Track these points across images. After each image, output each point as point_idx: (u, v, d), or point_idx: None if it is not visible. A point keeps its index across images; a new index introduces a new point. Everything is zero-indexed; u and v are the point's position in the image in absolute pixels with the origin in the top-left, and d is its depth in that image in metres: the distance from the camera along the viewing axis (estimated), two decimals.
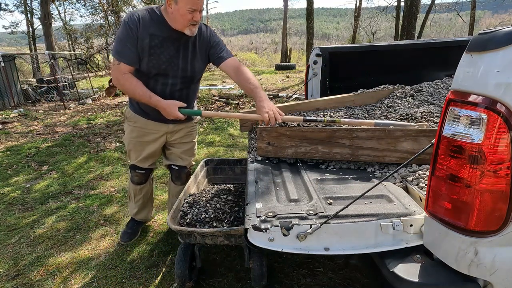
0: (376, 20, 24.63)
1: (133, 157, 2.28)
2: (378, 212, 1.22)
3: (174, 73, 1.98)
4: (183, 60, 1.97)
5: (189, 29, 1.84)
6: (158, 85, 1.99)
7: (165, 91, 2.01)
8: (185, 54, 1.97)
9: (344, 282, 1.98)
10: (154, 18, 1.86)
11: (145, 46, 1.85)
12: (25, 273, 2.18)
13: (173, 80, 2.00)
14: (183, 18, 1.78)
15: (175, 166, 2.32)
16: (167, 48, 1.90)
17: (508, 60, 0.87)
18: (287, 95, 8.83)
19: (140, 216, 2.53)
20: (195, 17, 1.80)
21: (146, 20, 1.84)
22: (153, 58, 1.89)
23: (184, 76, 2.02)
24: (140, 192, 2.44)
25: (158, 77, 1.97)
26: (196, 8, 1.77)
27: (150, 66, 1.91)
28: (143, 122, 2.14)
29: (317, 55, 3.06)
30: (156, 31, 1.86)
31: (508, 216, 0.94)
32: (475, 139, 0.93)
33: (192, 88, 2.14)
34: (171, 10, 1.79)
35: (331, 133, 1.71)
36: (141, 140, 2.20)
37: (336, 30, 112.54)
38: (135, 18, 1.83)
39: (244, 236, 1.23)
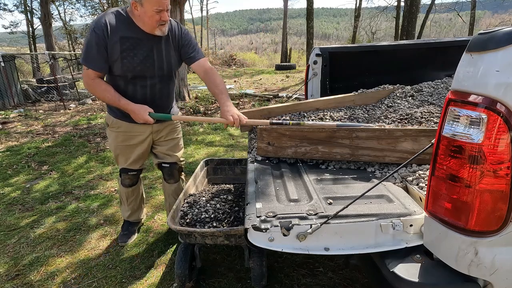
0: (376, 20, 24.62)
1: (122, 161, 2.27)
2: (378, 212, 1.22)
3: (151, 73, 1.97)
4: (158, 59, 1.96)
5: (159, 29, 1.84)
6: (138, 88, 1.98)
7: (146, 93, 2.01)
8: (159, 52, 1.96)
9: (344, 282, 1.98)
10: (122, 21, 1.85)
11: (116, 50, 1.84)
12: (25, 273, 2.18)
13: (152, 81, 2.00)
14: (151, 19, 1.78)
15: (165, 164, 2.32)
16: (140, 49, 1.89)
17: (508, 60, 0.87)
18: (287, 95, 8.83)
19: (133, 217, 2.55)
20: (162, 17, 1.79)
21: (114, 24, 1.83)
22: (126, 61, 1.88)
23: (161, 75, 2.02)
24: (132, 194, 2.45)
25: (136, 80, 1.96)
26: (162, 8, 1.76)
27: (124, 70, 1.90)
28: (127, 126, 2.11)
29: (317, 55, 3.05)
30: (126, 34, 1.84)
31: (508, 216, 0.94)
32: (475, 139, 0.93)
33: (171, 85, 2.15)
34: (138, 12, 1.79)
35: (331, 133, 1.71)
36: (128, 144, 2.18)
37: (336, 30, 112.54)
38: (102, 23, 1.81)
39: (244, 236, 1.23)
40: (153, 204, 3.08)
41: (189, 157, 4.43)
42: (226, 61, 20.71)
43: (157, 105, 2.07)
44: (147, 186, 3.45)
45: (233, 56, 21.71)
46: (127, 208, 2.50)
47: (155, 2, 1.73)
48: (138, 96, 1.99)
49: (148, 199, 3.17)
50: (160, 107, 2.09)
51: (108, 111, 2.17)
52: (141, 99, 2.00)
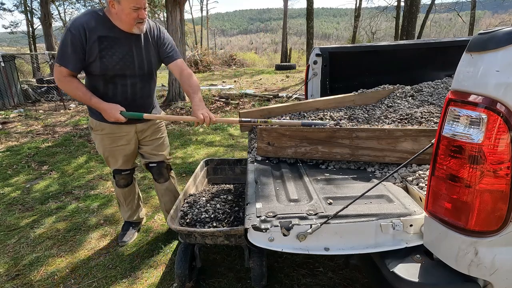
0: (376, 20, 24.62)
1: (113, 163, 2.28)
2: (378, 212, 1.22)
3: (131, 72, 1.98)
4: (138, 58, 1.97)
5: (137, 27, 1.85)
6: (118, 88, 1.99)
7: (127, 92, 2.01)
8: (138, 51, 1.97)
9: (344, 282, 1.98)
10: (99, 21, 1.85)
11: (94, 49, 1.84)
12: (25, 273, 2.18)
13: (132, 80, 2.00)
14: (128, 17, 1.79)
15: (152, 163, 2.32)
16: (118, 48, 1.90)
17: (508, 60, 0.87)
18: (287, 95, 8.83)
19: (133, 217, 2.56)
20: (140, 14, 1.81)
21: (91, 24, 1.83)
22: (105, 60, 1.88)
23: (142, 74, 2.02)
24: (129, 194, 2.46)
25: (116, 79, 1.96)
26: (140, 6, 1.77)
27: (104, 68, 1.90)
28: (111, 128, 2.10)
29: (317, 55, 3.06)
30: (103, 33, 1.85)
31: (508, 216, 0.94)
32: (475, 139, 0.93)
33: (152, 85, 2.16)
34: (115, 11, 1.80)
35: (331, 133, 1.71)
36: (116, 145, 2.18)
37: (336, 30, 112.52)
38: (78, 24, 1.81)
39: (244, 236, 1.23)
40: (153, 204, 3.08)
41: (189, 157, 4.43)
42: (226, 61, 20.69)
43: (139, 104, 2.08)
44: (147, 186, 3.45)
45: (233, 56, 21.69)
46: (126, 208, 2.51)
47: (132, 0, 1.75)
48: (118, 96, 2.00)
49: (148, 199, 3.17)
50: (142, 106, 2.10)
51: (90, 114, 2.15)
52: (122, 98, 2.01)
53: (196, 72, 17.53)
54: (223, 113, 7.15)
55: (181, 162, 4.22)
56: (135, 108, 2.04)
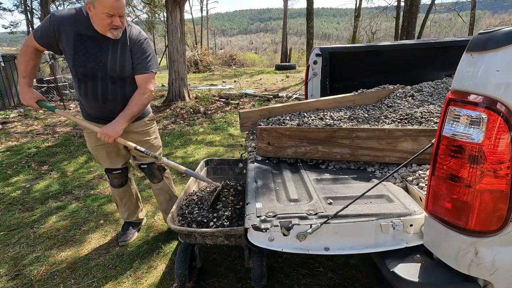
0: (376, 20, 24.62)
1: (102, 162, 2.30)
2: (378, 212, 1.22)
3: (103, 73, 1.96)
4: (111, 60, 1.95)
5: (111, 32, 1.84)
6: (89, 87, 1.98)
7: (97, 93, 2.00)
8: (113, 54, 1.95)
9: (344, 282, 1.98)
10: (80, 17, 1.87)
11: (69, 43, 1.86)
12: (25, 273, 2.18)
13: (103, 82, 1.98)
14: (101, 22, 1.79)
15: (143, 165, 2.31)
16: (93, 48, 1.90)
17: (508, 60, 0.87)
18: (287, 95, 8.83)
19: (132, 218, 2.55)
20: (114, 21, 1.80)
21: (71, 19, 1.86)
22: (78, 57, 1.89)
23: (114, 77, 1.99)
24: (124, 194, 2.44)
25: (87, 79, 1.96)
26: (113, 13, 1.77)
27: (76, 65, 1.91)
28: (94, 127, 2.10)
29: (317, 55, 3.06)
30: (81, 30, 1.86)
31: (508, 216, 0.94)
32: (475, 139, 0.93)
33: (126, 89, 2.06)
34: (91, 13, 1.81)
35: (331, 133, 1.71)
36: (99, 144, 2.18)
37: (336, 30, 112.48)
38: (58, 16, 1.85)
39: (244, 236, 1.23)
40: (153, 204, 3.08)
41: (189, 157, 4.43)
42: (226, 61, 20.70)
43: (111, 109, 2.04)
44: (147, 186, 3.45)
45: (233, 56, 21.70)
46: (123, 209, 2.50)
47: (106, 7, 1.74)
48: (89, 95, 2.00)
49: (148, 199, 3.16)
50: (113, 110, 2.04)
51: (81, 113, 2.19)
52: (93, 98, 2.01)
53: (196, 72, 17.55)
54: (223, 113, 7.15)
55: (181, 162, 4.22)
56: (107, 111, 2.04)
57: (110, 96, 2.03)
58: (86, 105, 2.08)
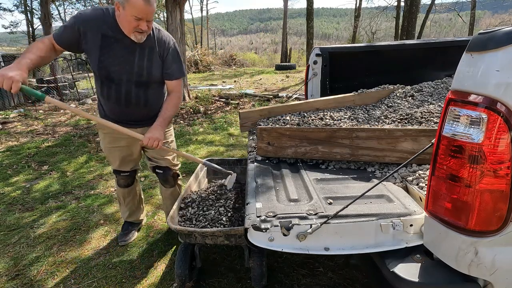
0: (376, 20, 24.63)
1: (112, 163, 2.28)
2: (378, 212, 1.22)
3: (128, 77, 1.92)
4: (138, 64, 1.91)
5: (135, 35, 1.81)
6: (112, 90, 1.95)
7: (120, 97, 1.96)
8: (141, 58, 1.91)
9: (344, 282, 1.98)
10: (107, 19, 1.84)
11: (95, 45, 1.82)
12: (25, 273, 2.18)
13: (127, 86, 1.94)
14: (128, 24, 1.76)
15: (159, 170, 2.30)
16: (119, 51, 1.86)
17: (508, 60, 0.87)
18: (287, 95, 8.83)
19: (132, 218, 2.55)
20: (141, 25, 1.76)
21: (98, 20, 1.82)
22: (103, 59, 1.85)
23: (139, 81, 1.95)
24: (128, 194, 2.45)
25: (111, 82, 1.92)
26: (141, 17, 1.73)
27: (101, 67, 1.87)
28: None
29: (317, 55, 3.06)
30: (108, 32, 1.83)
31: (508, 216, 0.94)
32: (475, 139, 0.93)
33: (151, 95, 2.04)
34: (119, 13, 1.77)
35: (331, 133, 1.71)
36: (114, 146, 2.17)
37: (336, 30, 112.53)
38: (85, 16, 1.81)
39: (244, 236, 1.23)
40: (153, 204, 3.08)
41: None
42: (226, 61, 20.70)
43: (132, 112, 2.02)
44: (147, 186, 3.45)
45: (233, 56, 21.70)
46: (125, 208, 2.51)
47: (135, 10, 1.70)
48: (112, 99, 1.97)
49: (148, 199, 3.16)
50: (134, 114, 2.04)
51: (98, 112, 2.14)
52: (115, 101, 1.97)
53: (196, 72, 17.54)
54: (223, 113, 7.15)
55: (182, 161, 4.22)
56: (127, 114, 2.02)
57: (133, 100, 1.99)
58: (106, 106, 2.04)
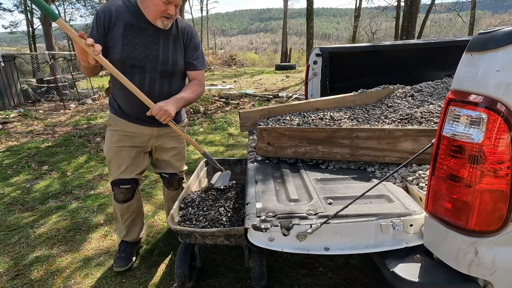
0: (376, 20, 24.64)
1: (115, 168, 2.03)
2: (378, 212, 1.22)
3: (153, 66, 1.85)
4: (163, 53, 1.86)
5: (161, 21, 1.76)
6: (136, 80, 1.83)
7: (144, 86, 1.85)
8: (165, 47, 1.86)
9: (344, 282, 1.98)
10: (129, 8, 1.79)
11: (118, 34, 1.76)
12: (25, 273, 2.18)
13: (152, 74, 1.86)
14: (156, 8, 1.71)
15: (165, 174, 2.21)
16: (143, 39, 1.80)
17: (508, 60, 0.87)
18: (287, 95, 8.83)
19: (131, 237, 2.23)
20: (169, 9, 1.71)
21: (120, 10, 1.77)
22: (127, 48, 1.78)
23: (164, 71, 1.88)
24: (127, 210, 2.15)
25: (134, 71, 1.82)
26: (171, 0, 1.69)
27: (124, 56, 1.78)
28: (123, 124, 1.96)
29: (317, 55, 3.06)
30: (131, 20, 1.77)
31: (508, 216, 0.94)
32: (475, 139, 0.93)
33: (174, 85, 1.96)
34: None
35: (331, 133, 1.71)
36: (123, 145, 1.99)
37: (336, 30, 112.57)
38: (106, 8, 1.77)
39: (244, 236, 1.23)
40: (153, 204, 3.08)
41: (189, 157, 4.42)
42: (226, 61, 20.71)
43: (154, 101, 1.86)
44: (148, 186, 3.45)
45: (233, 56, 21.71)
46: (122, 227, 2.20)
47: None
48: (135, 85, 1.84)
49: (148, 199, 3.16)
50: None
51: (109, 108, 2.04)
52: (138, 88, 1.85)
53: None
54: (223, 113, 7.15)
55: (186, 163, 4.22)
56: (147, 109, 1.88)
57: (156, 91, 1.88)
58: (125, 100, 1.91)
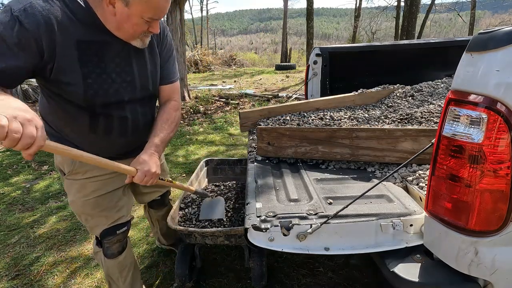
0: (376, 20, 24.65)
1: (102, 221, 1.49)
2: (378, 212, 1.22)
3: (131, 95, 1.32)
4: (140, 74, 1.33)
5: (141, 40, 1.24)
6: (115, 121, 1.33)
7: (127, 125, 1.37)
8: (141, 64, 1.32)
9: (344, 282, 1.98)
10: (77, 14, 1.13)
11: (70, 61, 1.13)
12: (25, 273, 2.18)
13: (132, 105, 1.35)
14: (134, 27, 1.16)
15: (156, 198, 1.86)
16: (110, 61, 1.22)
17: (508, 60, 0.87)
18: (287, 95, 8.83)
19: None
20: (153, 27, 1.20)
21: (63, 19, 1.09)
22: (92, 81, 1.19)
23: (144, 96, 1.38)
24: (125, 261, 1.63)
25: (109, 110, 1.29)
26: (158, 17, 1.17)
27: (91, 94, 1.20)
28: (98, 168, 1.39)
29: (317, 55, 3.06)
30: (85, 35, 1.14)
31: (508, 216, 0.94)
32: (475, 139, 0.93)
33: (154, 106, 1.51)
34: (113, 11, 1.12)
35: (331, 133, 1.71)
36: (103, 192, 1.46)
37: (336, 30, 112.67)
38: (38, 15, 1.04)
39: (244, 236, 1.23)
40: None
41: (190, 157, 4.43)
42: (226, 61, 20.70)
43: (140, 137, 1.44)
44: None
45: (233, 56, 21.71)
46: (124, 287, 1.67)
47: (149, 9, 1.12)
48: (114, 133, 1.35)
49: None
50: (142, 137, 1.43)
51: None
52: (119, 134, 1.36)
53: (196, 72, 17.53)
54: (223, 113, 7.15)
55: (182, 161, 4.22)
56: (133, 145, 1.45)
57: (141, 123, 1.41)
58: (96, 143, 1.35)
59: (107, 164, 1.17)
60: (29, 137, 0.84)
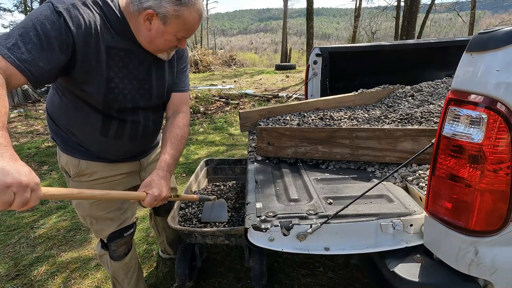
0: (376, 20, 24.66)
1: (108, 225, 1.52)
2: (378, 212, 1.22)
3: (146, 102, 1.38)
4: (158, 84, 1.39)
5: (167, 53, 1.33)
6: (128, 126, 1.38)
7: (137, 131, 1.42)
8: (160, 74, 1.38)
9: (344, 282, 1.98)
10: (112, 22, 1.20)
11: (98, 65, 1.19)
12: (25, 273, 2.18)
13: (145, 113, 1.41)
14: (165, 43, 1.25)
15: None
16: (133, 69, 1.29)
17: (508, 59, 0.87)
18: (287, 95, 8.83)
19: None
20: (181, 44, 1.30)
21: (100, 25, 1.17)
22: (114, 86, 1.25)
23: (158, 105, 1.45)
24: (130, 262, 1.69)
25: (124, 114, 1.35)
26: (188, 36, 1.28)
27: (110, 98, 1.26)
28: (107, 169, 1.46)
29: (317, 55, 3.06)
30: (114, 41, 1.22)
31: (508, 216, 0.94)
32: (475, 139, 0.93)
33: (163, 112, 1.57)
34: (149, 27, 1.20)
35: (331, 133, 1.71)
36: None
37: (336, 30, 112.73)
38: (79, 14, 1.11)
39: (244, 236, 1.23)
40: None
41: (190, 157, 4.43)
42: (226, 61, 20.70)
43: (145, 143, 1.53)
44: None
45: (233, 56, 21.72)
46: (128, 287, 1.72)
47: (185, 28, 1.22)
48: (125, 137, 1.39)
49: None
50: (149, 143, 1.57)
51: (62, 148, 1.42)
52: (129, 138, 1.41)
53: (196, 72, 17.54)
54: (223, 113, 7.15)
55: (182, 162, 4.22)
56: (142, 147, 1.53)
57: (151, 129, 1.47)
58: (104, 146, 1.39)
59: (116, 196, 1.19)
60: (22, 203, 0.87)
